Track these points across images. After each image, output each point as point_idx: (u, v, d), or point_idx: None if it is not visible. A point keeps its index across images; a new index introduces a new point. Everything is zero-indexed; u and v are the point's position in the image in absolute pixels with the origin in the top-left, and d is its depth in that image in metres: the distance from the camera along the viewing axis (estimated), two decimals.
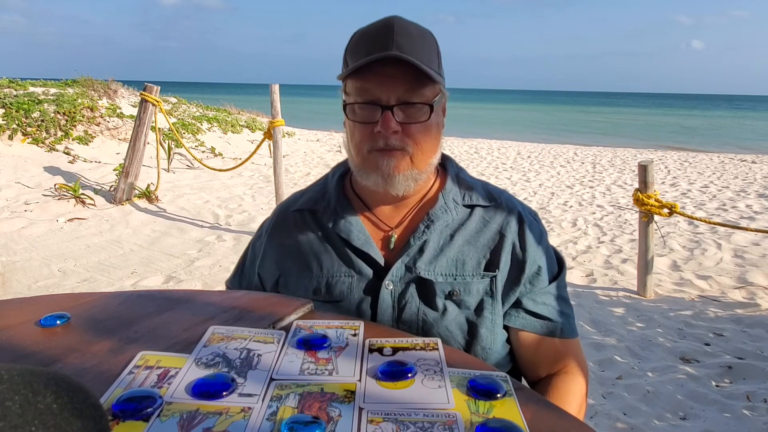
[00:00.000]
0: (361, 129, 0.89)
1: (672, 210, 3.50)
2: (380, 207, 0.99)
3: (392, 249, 0.96)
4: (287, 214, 1.04)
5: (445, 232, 0.95)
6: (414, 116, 0.88)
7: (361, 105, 0.88)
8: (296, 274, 0.99)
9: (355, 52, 0.89)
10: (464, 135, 16.10)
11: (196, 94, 21.14)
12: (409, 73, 0.85)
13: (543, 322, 0.96)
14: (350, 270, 0.95)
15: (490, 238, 0.96)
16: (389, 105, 0.86)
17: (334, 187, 1.02)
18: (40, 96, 7.84)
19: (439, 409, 0.59)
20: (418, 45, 0.87)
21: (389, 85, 0.86)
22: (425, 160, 0.92)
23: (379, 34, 0.86)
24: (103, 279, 3.79)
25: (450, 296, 0.92)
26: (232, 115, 11.54)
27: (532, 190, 7.28)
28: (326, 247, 0.98)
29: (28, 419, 0.35)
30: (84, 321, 0.80)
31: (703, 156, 11.62)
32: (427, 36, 0.91)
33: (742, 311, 3.35)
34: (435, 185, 1.01)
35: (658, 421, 2.22)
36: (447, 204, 0.97)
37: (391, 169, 0.89)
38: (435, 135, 0.93)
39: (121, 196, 5.69)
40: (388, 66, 0.85)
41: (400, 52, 0.83)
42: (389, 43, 0.84)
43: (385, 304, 0.92)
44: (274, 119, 5.15)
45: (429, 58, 0.88)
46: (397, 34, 0.85)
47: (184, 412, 0.57)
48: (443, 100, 0.95)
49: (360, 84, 0.87)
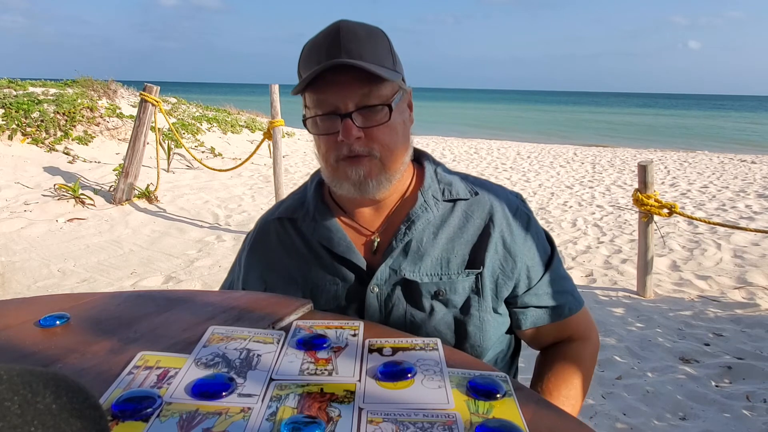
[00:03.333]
0: (325, 140, 0.88)
1: (671, 210, 3.50)
2: (360, 211, 0.98)
3: (375, 253, 0.95)
4: (268, 225, 1.03)
5: (427, 230, 0.94)
6: (374, 119, 0.86)
7: (321, 117, 0.87)
8: (281, 287, 0.98)
9: (306, 64, 0.87)
10: (464, 135, 16.10)
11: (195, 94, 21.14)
12: (361, 77, 0.84)
13: (550, 310, 0.97)
14: (334, 278, 0.94)
15: (473, 233, 0.94)
16: (347, 112, 0.85)
17: (313, 195, 1.01)
18: (40, 96, 7.84)
19: (439, 409, 0.59)
20: (368, 46, 0.85)
21: (344, 93, 0.84)
22: (395, 161, 0.90)
23: (326, 42, 0.85)
24: (103, 279, 3.79)
25: (436, 296, 0.91)
26: (232, 116, 11.54)
27: (531, 191, 7.28)
28: (309, 256, 0.97)
29: (27, 419, 0.35)
30: (83, 321, 0.79)
31: (702, 156, 11.62)
32: (377, 35, 0.89)
33: (742, 311, 3.35)
34: (413, 183, 0.99)
35: (657, 421, 2.22)
36: (427, 202, 0.95)
37: (361, 177, 0.88)
38: (401, 133, 0.91)
39: (121, 197, 5.69)
40: (340, 73, 0.83)
41: (348, 58, 0.82)
42: (337, 51, 0.83)
43: (372, 309, 0.92)
44: (274, 119, 5.15)
45: (381, 58, 0.87)
46: (345, 39, 0.84)
47: (184, 412, 0.57)
48: (406, 96, 0.93)
49: (316, 96, 0.86)
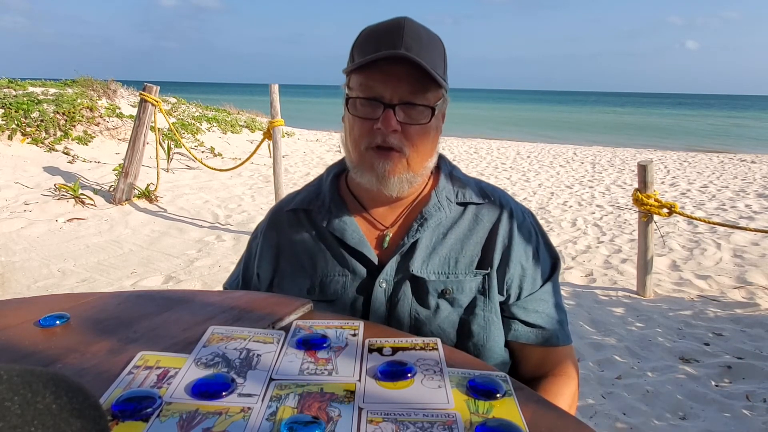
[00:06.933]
0: (360, 124, 0.89)
1: (671, 210, 3.50)
2: (375, 206, 0.99)
3: (386, 248, 0.96)
4: (281, 214, 1.04)
5: (438, 230, 0.95)
6: (415, 118, 0.88)
7: (363, 100, 0.88)
8: (290, 274, 0.99)
9: (363, 47, 0.89)
10: (464, 135, 16.10)
11: (195, 94, 21.14)
12: (415, 75, 0.85)
13: (537, 331, 0.96)
14: (344, 269, 0.95)
15: (482, 236, 0.96)
16: (392, 103, 0.86)
17: (329, 187, 1.02)
18: (40, 96, 7.84)
19: (439, 409, 0.59)
20: (426, 48, 0.87)
21: (394, 84, 0.86)
22: (421, 164, 0.92)
23: (388, 32, 0.87)
24: (103, 279, 3.79)
25: (443, 294, 0.92)
26: (232, 115, 11.54)
27: (531, 190, 7.28)
28: (320, 246, 0.98)
29: (27, 419, 0.35)
30: (83, 321, 0.79)
31: (702, 156, 11.62)
32: (436, 41, 0.91)
33: (742, 311, 3.35)
34: (429, 184, 1.01)
35: (657, 421, 2.22)
36: (440, 202, 0.97)
37: (386, 171, 0.89)
38: (433, 139, 0.93)
39: (121, 196, 5.69)
40: (395, 65, 0.85)
41: (408, 53, 0.84)
42: (398, 42, 0.85)
43: (378, 303, 0.92)
44: (274, 119, 5.15)
45: (435, 63, 0.88)
46: (407, 34, 0.86)
47: (184, 412, 0.57)
48: (444, 106, 0.95)
49: (364, 80, 0.87)
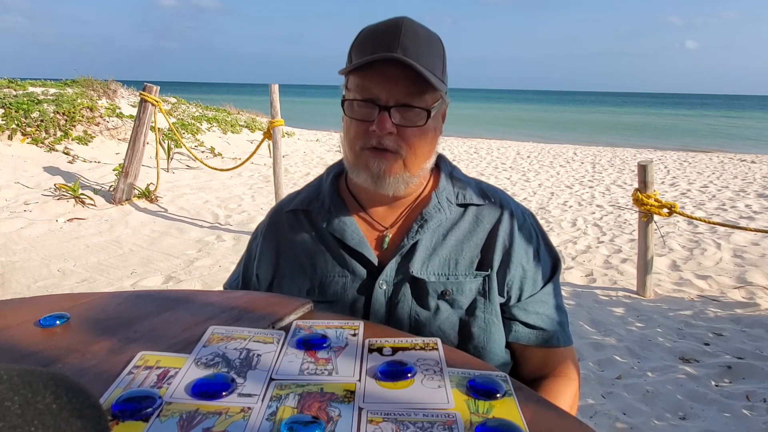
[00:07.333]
0: (356, 126, 0.89)
1: (671, 210, 3.50)
2: (375, 207, 0.99)
3: (386, 249, 0.96)
4: (281, 215, 1.04)
5: (438, 231, 0.95)
6: (411, 120, 0.88)
7: (359, 102, 0.88)
8: (290, 275, 0.98)
9: (360, 48, 0.88)
10: (464, 135, 16.10)
11: (195, 94, 21.13)
12: (411, 77, 0.85)
13: (538, 333, 0.96)
14: (344, 270, 0.95)
15: (482, 237, 0.95)
16: (387, 105, 0.86)
17: (329, 187, 1.02)
18: (40, 96, 7.84)
19: (439, 409, 0.59)
20: (424, 49, 0.87)
21: (390, 86, 0.86)
22: (418, 165, 0.92)
23: (386, 33, 0.86)
24: (103, 279, 3.79)
25: (443, 296, 0.92)
26: (232, 115, 11.54)
27: (531, 190, 7.28)
28: (320, 247, 0.98)
29: (27, 419, 0.35)
30: (83, 321, 0.79)
31: (702, 156, 11.62)
32: (434, 41, 0.91)
33: (742, 311, 3.35)
34: (429, 185, 1.01)
35: (657, 421, 2.22)
36: (440, 203, 0.97)
37: (381, 170, 0.89)
38: (430, 140, 0.92)
39: (121, 196, 5.69)
40: (391, 67, 0.84)
41: (404, 55, 0.83)
42: (395, 44, 0.84)
43: (378, 304, 0.92)
44: (274, 119, 5.15)
45: (433, 64, 0.88)
46: (404, 36, 0.85)
47: (184, 412, 0.57)
48: (443, 107, 0.94)
49: (361, 81, 0.87)
